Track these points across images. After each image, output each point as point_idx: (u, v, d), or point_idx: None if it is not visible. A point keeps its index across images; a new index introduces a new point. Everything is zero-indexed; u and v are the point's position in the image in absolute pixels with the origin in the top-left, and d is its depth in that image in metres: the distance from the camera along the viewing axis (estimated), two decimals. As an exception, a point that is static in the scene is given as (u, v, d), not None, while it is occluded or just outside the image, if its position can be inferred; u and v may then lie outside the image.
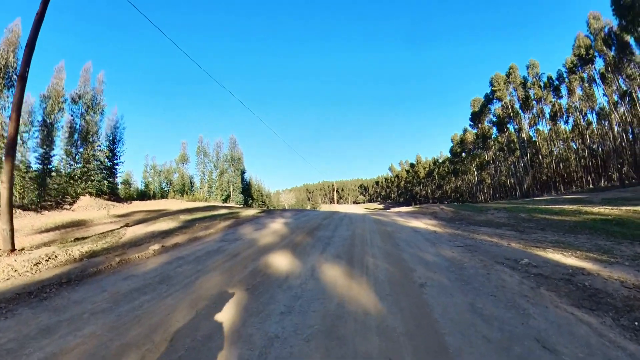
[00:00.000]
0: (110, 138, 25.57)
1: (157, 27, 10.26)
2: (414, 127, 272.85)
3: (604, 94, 39.40)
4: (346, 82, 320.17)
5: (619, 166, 35.89)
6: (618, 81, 33.76)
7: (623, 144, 33.75)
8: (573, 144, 46.96)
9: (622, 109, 36.75)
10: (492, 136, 58.59)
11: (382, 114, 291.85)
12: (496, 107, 54.66)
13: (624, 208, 12.59)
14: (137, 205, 20.81)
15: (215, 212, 15.25)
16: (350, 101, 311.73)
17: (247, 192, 46.16)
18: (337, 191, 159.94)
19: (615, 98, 38.06)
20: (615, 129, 37.31)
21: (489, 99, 55.71)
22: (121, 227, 10.59)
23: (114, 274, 5.06)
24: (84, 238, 8.54)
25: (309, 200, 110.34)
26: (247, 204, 43.58)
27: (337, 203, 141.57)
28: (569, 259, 5.31)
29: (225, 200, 39.31)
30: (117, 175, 26.02)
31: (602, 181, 38.65)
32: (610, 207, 13.07)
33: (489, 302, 3.57)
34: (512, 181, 55.28)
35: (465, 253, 6.07)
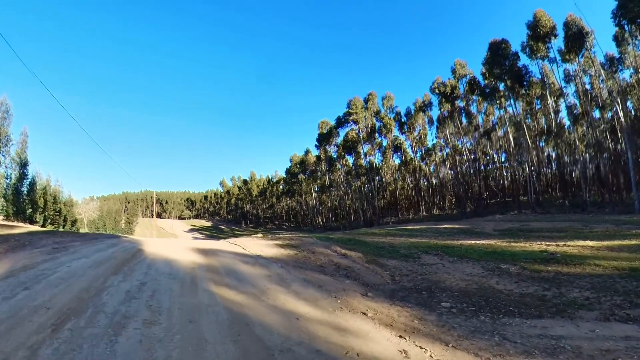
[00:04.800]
0: None
1: None
2: (250, 143, 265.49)
3: (436, 136, 46.01)
4: (174, 86, 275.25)
5: (453, 198, 41.43)
6: (457, 123, 39.59)
7: (466, 179, 39.78)
8: (406, 176, 53.48)
9: (446, 150, 43.83)
10: (336, 159, 59.60)
11: (215, 125, 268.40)
12: (347, 130, 55.80)
13: (588, 243, 10.32)
14: None
15: None
16: (180, 108, 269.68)
17: (30, 196, 26.11)
18: (160, 203, 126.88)
19: (442, 141, 45.03)
20: (449, 170, 44.02)
21: (340, 122, 56.19)
22: None
23: None
24: None
25: (126, 211, 79.64)
26: (20, 217, 24.59)
27: (160, 217, 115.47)
28: None
29: (-30, 208, 23.04)
30: None
31: (435, 210, 44.52)
32: (560, 244, 10.63)
33: None
34: (357, 205, 57.36)
35: None
